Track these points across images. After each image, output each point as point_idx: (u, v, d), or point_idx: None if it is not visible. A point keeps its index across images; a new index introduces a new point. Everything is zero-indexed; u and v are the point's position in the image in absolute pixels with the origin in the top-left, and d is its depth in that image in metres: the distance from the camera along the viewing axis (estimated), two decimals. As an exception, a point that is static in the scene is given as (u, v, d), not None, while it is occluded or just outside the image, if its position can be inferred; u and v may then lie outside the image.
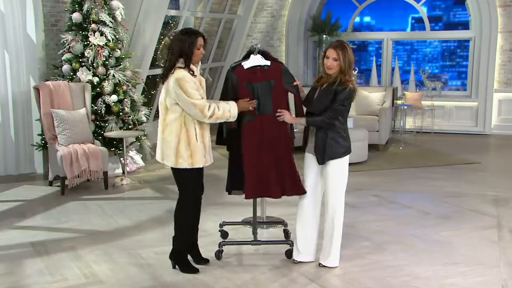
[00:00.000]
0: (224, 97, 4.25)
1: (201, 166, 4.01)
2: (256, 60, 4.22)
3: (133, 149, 7.71)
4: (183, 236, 4.14)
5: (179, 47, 3.90)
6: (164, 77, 3.94)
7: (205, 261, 4.26)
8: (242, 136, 4.18)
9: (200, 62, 4.07)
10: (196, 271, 4.11)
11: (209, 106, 3.87)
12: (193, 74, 3.90)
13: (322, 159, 4.07)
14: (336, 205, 4.13)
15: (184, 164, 3.94)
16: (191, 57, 3.89)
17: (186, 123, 3.91)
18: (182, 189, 4.08)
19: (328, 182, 4.12)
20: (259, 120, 4.17)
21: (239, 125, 4.17)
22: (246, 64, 4.21)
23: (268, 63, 4.21)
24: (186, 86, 3.82)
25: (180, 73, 3.85)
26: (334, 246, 4.17)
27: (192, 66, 3.93)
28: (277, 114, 4.13)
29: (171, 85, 3.86)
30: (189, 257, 4.27)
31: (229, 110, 3.97)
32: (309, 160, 4.21)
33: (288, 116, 4.14)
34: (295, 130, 4.52)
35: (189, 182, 4.05)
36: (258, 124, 4.16)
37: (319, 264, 4.21)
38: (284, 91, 4.21)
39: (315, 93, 4.15)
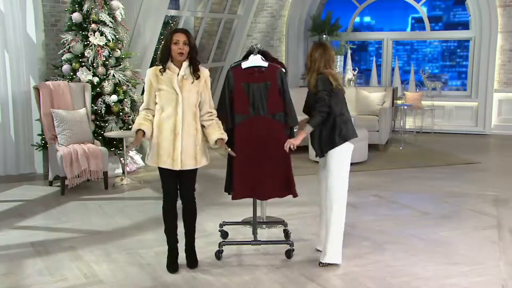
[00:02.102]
0: (222, 95, 4.32)
1: (150, 165, 4.08)
2: (255, 60, 4.26)
3: (133, 149, 7.71)
4: (165, 233, 4.19)
5: (161, 46, 4.01)
6: None
7: (192, 265, 4.20)
8: (234, 136, 4.22)
9: (185, 62, 3.92)
10: (172, 271, 4.11)
11: (141, 110, 4.04)
12: (164, 71, 3.90)
13: (320, 152, 4.14)
14: (332, 199, 4.12)
15: (146, 159, 4.11)
16: (168, 53, 3.90)
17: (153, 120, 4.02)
18: None
19: (327, 177, 4.15)
20: (253, 120, 4.21)
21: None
22: (245, 64, 4.26)
23: (265, 64, 4.23)
24: (145, 82, 4.00)
25: (147, 70, 4.00)
26: (330, 242, 4.15)
27: (170, 65, 3.91)
28: (285, 148, 4.09)
29: None
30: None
31: (135, 123, 4.01)
32: (320, 160, 4.29)
33: (293, 140, 4.08)
34: (295, 130, 4.53)
35: (161, 180, 4.13)
36: (251, 124, 4.20)
37: (319, 263, 4.21)
38: (279, 92, 4.22)
39: None
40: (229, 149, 4.04)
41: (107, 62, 7.17)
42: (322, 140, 4.12)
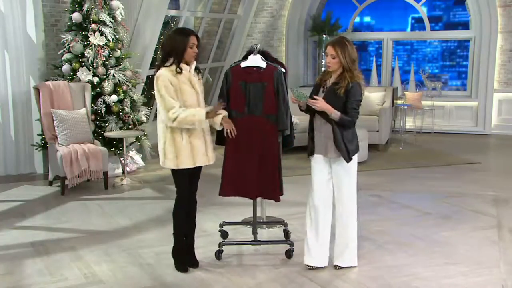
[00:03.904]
0: (221, 92, 4.35)
1: (186, 167, 3.95)
2: (254, 60, 4.27)
3: (133, 149, 7.71)
4: (176, 234, 4.15)
5: (171, 46, 3.90)
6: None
7: (194, 265, 4.21)
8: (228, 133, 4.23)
9: (194, 62, 3.99)
10: (185, 270, 4.10)
11: (175, 110, 3.80)
12: (180, 72, 3.87)
13: (348, 157, 3.95)
14: (351, 204, 4.09)
15: (170, 164, 3.94)
16: (183, 56, 3.88)
17: None
18: (176, 188, 4.10)
19: (341, 181, 4.04)
20: (247, 120, 4.22)
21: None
22: (244, 63, 4.29)
23: (264, 65, 4.24)
24: (160, 85, 3.82)
25: (160, 72, 3.87)
26: (351, 246, 4.13)
27: (182, 65, 3.90)
28: (312, 102, 3.91)
29: (154, 83, 3.91)
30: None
31: (193, 115, 3.83)
32: (319, 161, 4.11)
33: (324, 104, 3.88)
34: (295, 130, 4.53)
35: (178, 182, 4.04)
36: (246, 123, 4.21)
37: (335, 266, 4.16)
38: (274, 93, 4.23)
39: (319, 92, 4.09)
40: (229, 129, 4.04)
41: (107, 62, 7.17)
42: (348, 147, 3.95)
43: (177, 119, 3.80)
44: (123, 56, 7.44)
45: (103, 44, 7.11)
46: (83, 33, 7.10)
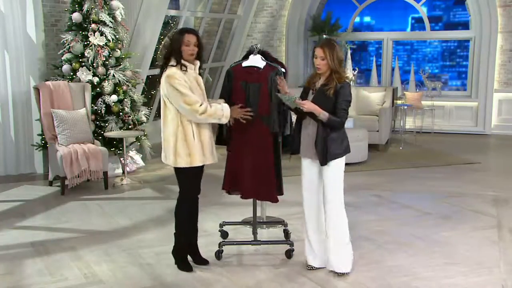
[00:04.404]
0: (223, 93, 4.36)
1: (199, 165, 4.00)
2: (254, 60, 4.27)
3: (133, 149, 7.71)
4: (180, 233, 4.15)
5: (170, 46, 3.97)
6: (160, 75, 3.99)
7: (205, 262, 4.26)
8: (231, 131, 4.29)
9: (198, 61, 4.02)
10: (190, 269, 4.12)
11: (201, 103, 3.86)
12: (185, 71, 3.91)
13: (324, 160, 3.92)
14: (336, 209, 4.02)
15: (182, 163, 3.95)
16: (181, 54, 3.90)
17: (182, 121, 3.92)
18: (180, 187, 4.10)
19: (328, 184, 3.99)
20: (247, 119, 4.20)
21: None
22: (245, 63, 4.31)
23: (262, 65, 4.24)
24: (176, 83, 3.83)
25: (170, 71, 3.89)
26: (341, 251, 4.06)
27: (184, 63, 3.92)
28: (300, 102, 3.91)
29: (162, 83, 3.91)
30: (189, 257, 4.28)
31: (221, 109, 3.96)
32: (307, 166, 4.09)
33: (311, 105, 3.88)
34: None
35: (187, 181, 4.06)
36: (245, 123, 4.19)
37: (337, 273, 4.12)
38: (267, 94, 4.23)
39: (308, 94, 4.08)
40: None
41: (107, 62, 7.17)
42: (328, 150, 3.91)
43: (206, 112, 3.86)
44: (123, 56, 7.43)
45: (103, 44, 7.11)
46: (83, 33, 7.10)
